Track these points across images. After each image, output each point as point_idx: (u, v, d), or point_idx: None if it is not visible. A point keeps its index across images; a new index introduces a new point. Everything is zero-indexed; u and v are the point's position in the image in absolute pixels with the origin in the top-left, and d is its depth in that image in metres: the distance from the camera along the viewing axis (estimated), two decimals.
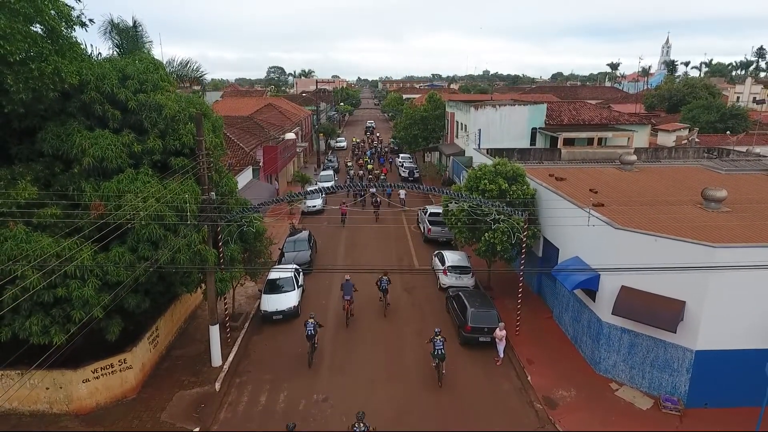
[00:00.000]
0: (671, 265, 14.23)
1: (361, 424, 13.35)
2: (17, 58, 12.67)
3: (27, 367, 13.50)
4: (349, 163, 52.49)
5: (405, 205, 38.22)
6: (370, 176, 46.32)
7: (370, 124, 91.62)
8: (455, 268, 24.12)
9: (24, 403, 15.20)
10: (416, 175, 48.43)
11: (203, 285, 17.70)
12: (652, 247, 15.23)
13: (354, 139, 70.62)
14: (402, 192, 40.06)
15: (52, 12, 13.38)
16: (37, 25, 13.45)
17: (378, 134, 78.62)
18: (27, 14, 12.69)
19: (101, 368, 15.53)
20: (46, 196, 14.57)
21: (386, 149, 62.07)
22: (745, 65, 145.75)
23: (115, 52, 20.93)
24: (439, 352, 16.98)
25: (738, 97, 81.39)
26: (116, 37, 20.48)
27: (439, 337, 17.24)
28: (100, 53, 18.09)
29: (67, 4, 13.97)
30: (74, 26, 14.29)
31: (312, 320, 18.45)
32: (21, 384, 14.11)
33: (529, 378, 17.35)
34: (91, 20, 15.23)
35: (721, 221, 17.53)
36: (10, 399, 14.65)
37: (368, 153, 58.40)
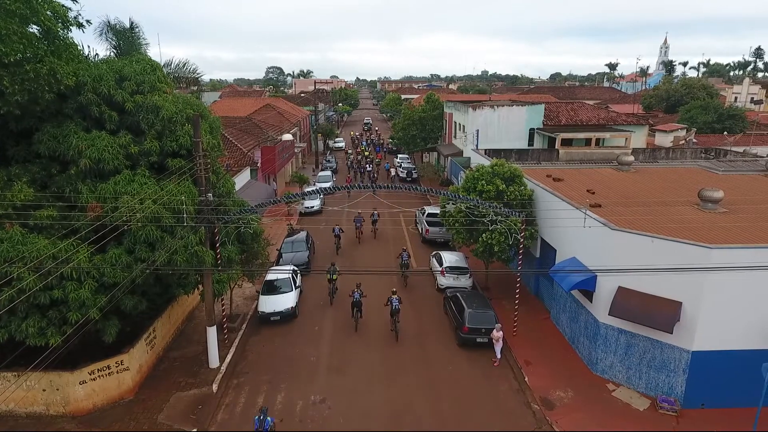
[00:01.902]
0: (668, 265, 14.27)
1: (357, 291, 20.62)
2: (13, 59, 12.64)
3: (24, 369, 13.50)
4: (350, 151, 61.20)
5: (395, 183, 46.20)
6: (367, 160, 52.55)
7: (367, 121, 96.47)
8: (453, 269, 24.12)
9: (21, 404, 15.18)
10: (414, 175, 48.42)
11: (200, 286, 17.69)
12: (649, 247, 15.26)
13: (351, 133, 79.04)
14: (392, 170, 50.65)
15: (48, 13, 13.37)
16: (33, 26, 13.43)
17: (377, 128, 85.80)
18: (23, 15, 12.67)
19: (98, 370, 15.51)
20: (42, 197, 14.55)
21: (381, 141, 69.35)
22: (742, 65, 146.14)
23: (112, 54, 20.93)
24: (405, 262, 24.76)
25: (736, 98, 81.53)
26: (113, 38, 20.47)
27: (405, 252, 25.33)
28: (97, 54, 18.11)
29: (63, 5, 13.95)
30: (70, 27, 14.26)
31: (338, 227, 30.05)
32: (18, 385, 14.10)
33: (526, 379, 17.36)
34: (88, 21, 15.24)
35: (718, 222, 17.57)
36: (7, 400, 14.65)
37: (364, 143, 67.07)
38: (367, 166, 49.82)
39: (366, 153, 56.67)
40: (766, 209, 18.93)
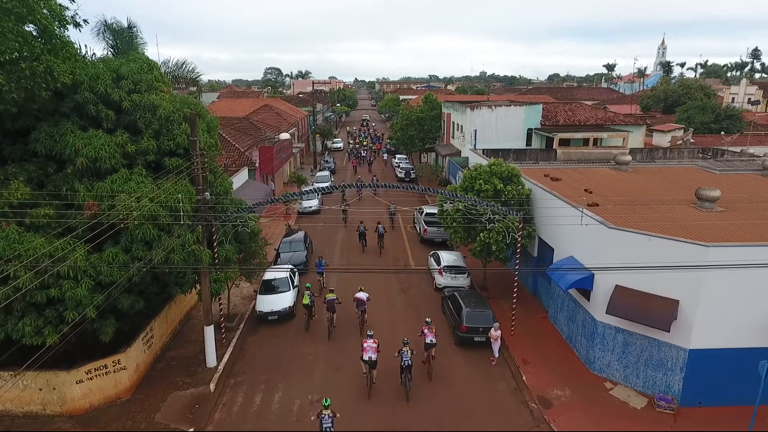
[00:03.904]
0: (665, 264, 14.28)
1: (362, 225, 29.76)
2: (9, 58, 12.62)
3: (20, 368, 13.43)
4: (350, 141, 74.19)
5: (387, 165, 57.08)
6: (364, 148, 64.41)
7: (365, 118, 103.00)
8: (451, 269, 24.13)
9: (17, 404, 15.14)
10: (413, 175, 48.42)
11: (198, 286, 17.65)
12: (646, 246, 15.29)
13: (348, 129, 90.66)
14: (385, 155, 60.80)
15: (45, 11, 13.35)
16: (30, 25, 13.40)
17: (373, 124, 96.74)
18: (19, 13, 12.63)
19: (95, 369, 15.46)
20: (39, 196, 14.52)
21: (379, 134, 78.82)
22: (740, 66, 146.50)
23: (109, 53, 20.89)
24: (392, 215, 34.11)
25: (733, 98, 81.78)
26: (110, 37, 20.42)
27: (393, 207, 32.69)
28: (94, 54, 18.08)
29: (60, 4, 13.93)
30: (67, 26, 14.24)
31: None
32: (14, 384, 14.04)
33: (524, 378, 17.36)
34: (85, 21, 15.19)
35: (715, 221, 17.60)
36: (3, 400, 14.60)
37: (362, 135, 78.07)
38: (362, 151, 61.53)
39: (364, 143, 68.75)
40: (762, 208, 18.98)
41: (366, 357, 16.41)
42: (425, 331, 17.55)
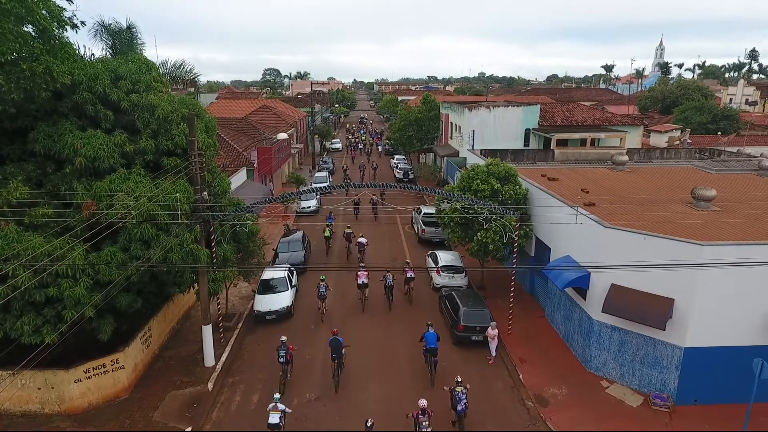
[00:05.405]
0: (660, 262, 14.38)
1: (357, 198, 34.61)
2: (8, 58, 12.70)
3: (18, 367, 13.48)
4: (349, 137, 79.89)
5: (382, 156, 63.43)
6: (362, 141, 70.94)
7: (363, 116, 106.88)
8: (448, 268, 24.21)
9: (15, 403, 15.19)
10: (411, 176, 48.50)
11: (196, 285, 17.70)
12: (642, 245, 15.38)
13: (346, 127, 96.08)
14: (380, 148, 66.87)
15: (44, 12, 13.42)
16: (29, 26, 13.48)
17: (371, 122, 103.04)
18: (18, 14, 12.70)
19: (93, 368, 15.52)
20: (37, 195, 14.57)
21: (376, 131, 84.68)
22: (738, 67, 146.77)
23: (108, 54, 20.96)
24: (382, 193, 36.73)
25: (731, 99, 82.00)
26: (108, 38, 20.49)
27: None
28: (93, 54, 18.16)
29: (58, 5, 14.01)
30: (66, 27, 14.31)
31: (344, 166, 43.20)
32: (12, 383, 14.10)
33: (521, 376, 17.45)
34: (82, 22, 15.25)
35: (710, 220, 17.70)
36: (1, 399, 14.68)
37: (361, 132, 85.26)
38: (359, 144, 69.28)
39: (362, 138, 75.79)
40: (757, 207, 19.12)
41: (360, 282, 22.47)
42: (406, 268, 23.03)
